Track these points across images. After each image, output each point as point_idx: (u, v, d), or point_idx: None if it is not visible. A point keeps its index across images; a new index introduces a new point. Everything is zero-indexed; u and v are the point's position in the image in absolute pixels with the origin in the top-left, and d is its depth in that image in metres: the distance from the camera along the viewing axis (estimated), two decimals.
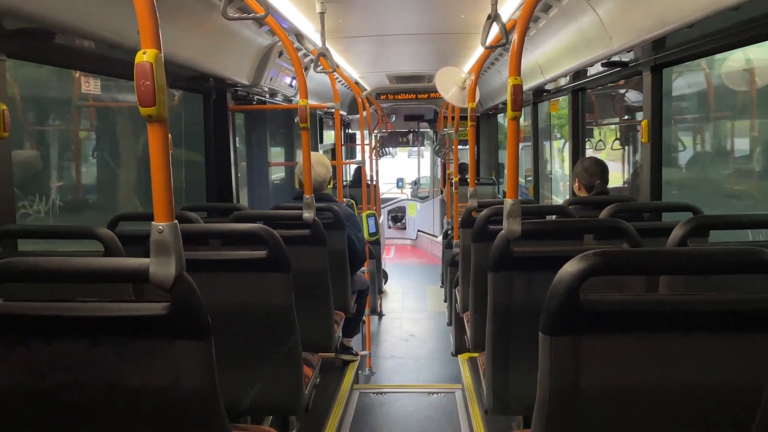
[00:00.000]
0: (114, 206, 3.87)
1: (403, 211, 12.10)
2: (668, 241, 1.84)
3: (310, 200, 2.79)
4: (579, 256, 1.21)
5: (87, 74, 2.96)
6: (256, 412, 2.43)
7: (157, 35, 1.14)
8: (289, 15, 3.64)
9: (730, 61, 3.78)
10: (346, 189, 7.63)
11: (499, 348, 2.07)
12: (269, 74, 4.33)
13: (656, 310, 1.23)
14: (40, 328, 1.25)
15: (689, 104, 4.63)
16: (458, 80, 3.99)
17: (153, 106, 1.14)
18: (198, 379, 1.26)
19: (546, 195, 6.65)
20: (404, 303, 7.46)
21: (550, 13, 3.50)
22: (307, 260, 2.76)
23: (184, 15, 2.82)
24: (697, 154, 4.66)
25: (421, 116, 10.36)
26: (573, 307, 1.20)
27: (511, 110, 1.92)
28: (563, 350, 1.23)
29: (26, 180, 2.87)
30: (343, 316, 3.39)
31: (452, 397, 4.09)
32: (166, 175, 1.19)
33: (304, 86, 2.93)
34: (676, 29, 2.45)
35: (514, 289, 2.00)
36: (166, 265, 1.18)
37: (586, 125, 4.83)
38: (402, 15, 4.16)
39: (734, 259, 1.23)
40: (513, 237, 1.93)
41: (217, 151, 4.16)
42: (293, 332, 2.08)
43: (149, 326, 1.23)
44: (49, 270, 1.25)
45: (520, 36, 1.92)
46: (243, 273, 2.02)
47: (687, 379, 1.26)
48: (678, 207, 2.87)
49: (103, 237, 1.92)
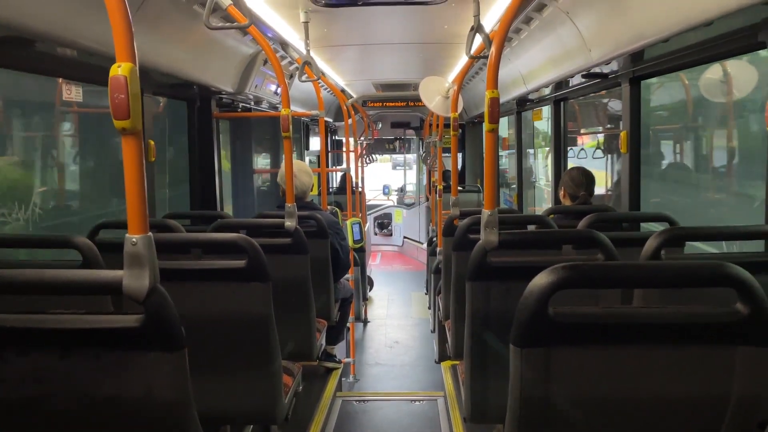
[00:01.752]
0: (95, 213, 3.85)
1: (389, 217, 12.11)
2: (642, 252, 1.87)
3: (291, 209, 2.80)
4: (549, 270, 1.23)
5: (69, 82, 2.95)
6: (235, 422, 2.43)
7: (132, 49, 1.15)
8: (274, 24, 3.66)
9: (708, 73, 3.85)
10: (332, 196, 7.63)
11: (477, 356, 2.08)
12: (254, 82, 4.34)
13: (625, 322, 1.25)
14: (13, 339, 1.25)
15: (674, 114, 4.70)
16: (442, 90, 4.02)
17: (127, 118, 1.15)
18: (171, 391, 1.26)
19: (530, 203, 6.70)
20: (390, 310, 7.46)
21: (532, 25, 3.54)
22: (288, 269, 2.77)
23: (168, 23, 2.83)
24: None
25: (408, 123, 10.40)
26: (542, 319, 1.22)
27: (488, 122, 1.94)
28: (533, 362, 1.25)
29: (5, 188, 2.85)
30: (325, 324, 3.39)
31: (434, 404, 4.10)
32: (140, 187, 1.20)
33: (286, 95, 2.94)
34: (653, 43, 2.50)
35: (491, 298, 2.02)
36: (140, 277, 1.19)
37: (569, 134, 4.88)
38: (387, 24, 4.19)
39: (700, 272, 1.26)
40: (490, 247, 1.95)
41: (201, 158, 4.16)
42: (272, 341, 2.08)
43: (122, 338, 1.23)
44: (22, 282, 1.25)
45: (498, 49, 1.95)
46: (222, 282, 2.02)
47: (656, 391, 1.29)
48: (654, 218, 2.92)
49: (80, 246, 1.91)
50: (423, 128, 9.05)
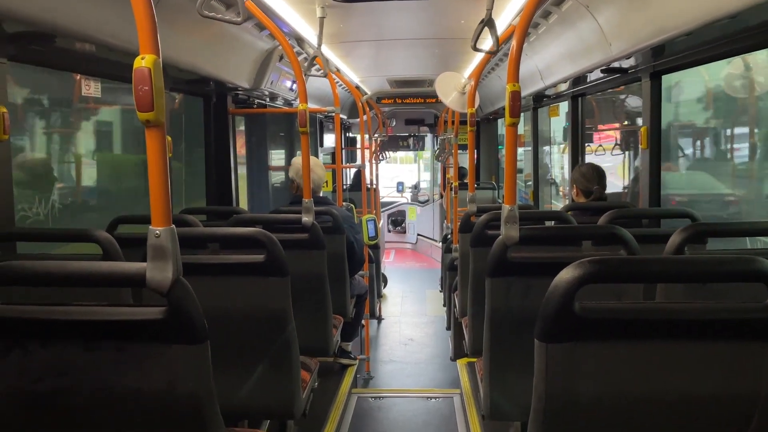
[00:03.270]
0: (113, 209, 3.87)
1: (403, 214, 12.09)
2: (665, 249, 1.84)
3: (309, 204, 2.79)
4: (574, 264, 1.21)
5: (87, 77, 2.97)
6: (253, 416, 2.43)
7: (155, 41, 1.15)
8: (290, 19, 3.65)
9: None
10: (346, 192, 7.63)
11: (496, 353, 2.07)
12: (270, 78, 4.34)
13: (652, 318, 1.23)
14: (37, 331, 1.26)
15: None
16: (458, 85, 4.00)
17: (151, 111, 1.14)
18: (194, 383, 1.26)
19: (546, 200, 6.65)
20: (403, 307, 7.45)
21: (550, 19, 3.50)
22: (305, 264, 2.77)
23: (185, 19, 2.83)
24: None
25: (422, 120, 10.35)
26: (568, 314, 1.20)
27: (509, 116, 1.92)
28: (558, 357, 1.24)
29: (28, 182, 2.87)
30: (341, 320, 3.39)
31: (450, 401, 4.08)
32: (164, 179, 1.19)
33: (303, 90, 2.94)
34: (675, 37, 2.46)
35: (511, 294, 2.00)
36: (163, 269, 1.18)
37: (586, 130, 4.84)
38: (402, 20, 4.17)
39: (730, 267, 1.23)
40: (510, 243, 1.94)
41: (217, 154, 4.17)
42: (291, 336, 2.08)
43: (146, 330, 1.23)
44: (46, 274, 1.26)
45: (519, 43, 1.92)
46: (241, 277, 2.03)
47: (683, 388, 1.26)
48: (676, 214, 2.88)
49: (101, 240, 1.92)
50: (437, 125, 9.03)
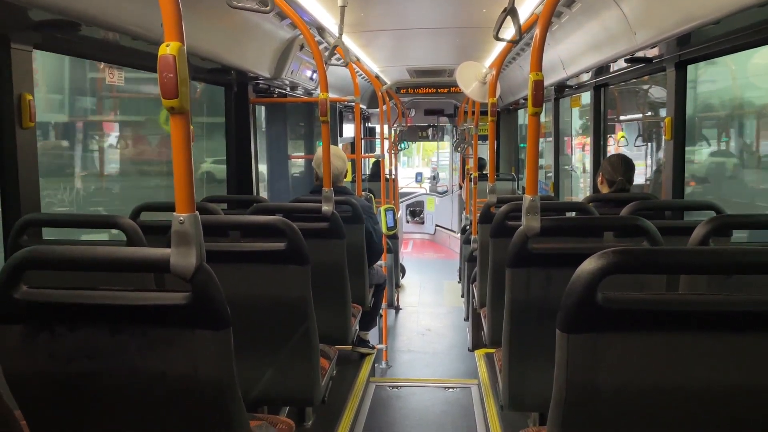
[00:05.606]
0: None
1: (421, 205, 12.08)
2: (690, 240, 1.82)
3: (329, 194, 2.80)
4: (598, 254, 1.20)
5: (111, 66, 3.00)
6: (273, 403, 2.46)
7: (180, 28, 1.16)
8: (311, 8, 3.65)
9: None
10: (365, 183, 7.63)
11: (516, 344, 2.06)
12: (290, 67, 4.35)
13: (676, 309, 1.22)
14: (64, 315, 1.28)
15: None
16: (479, 75, 3.96)
17: (176, 98, 1.15)
18: (216, 368, 1.28)
19: (566, 191, 6.60)
20: (421, 297, 7.45)
21: (573, 8, 3.46)
22: (325, 253, 2.78)
23: (207, 8, 2.85)
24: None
25: (441, 111, 10.31)
26: (591, 304, 1.19)
27: (531, 106, 1.91)
28: (580, 348, 1.23)
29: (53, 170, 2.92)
30: (360, 309, 3.40)
31: (468, 392, 4.09)
32: (188, 166, 1.21)
33: (324, 79, 2.94)
34: (702, 25, 2.41)
35: (531, 285, 1.99)
36: (187, 255, 1.20)
37: (608, 121, 4.78)
38: (423, 9, 4.14)
39: (755, 259, 1.21)
40: (531, 233, 1.92)
41: (238, 143, 4.20)
42: (310, 324, 2.10)
43: (170, 315, 1.25)
44: (72, 259, 1.28)
45: (542, 31, 1.90)
46: (262, 264, 2.04)
47: (705, 380, 1.25)
48: (700, 206, 2.84)
49: (125, 226, 1.95)
50: (457, 115, 8.98)
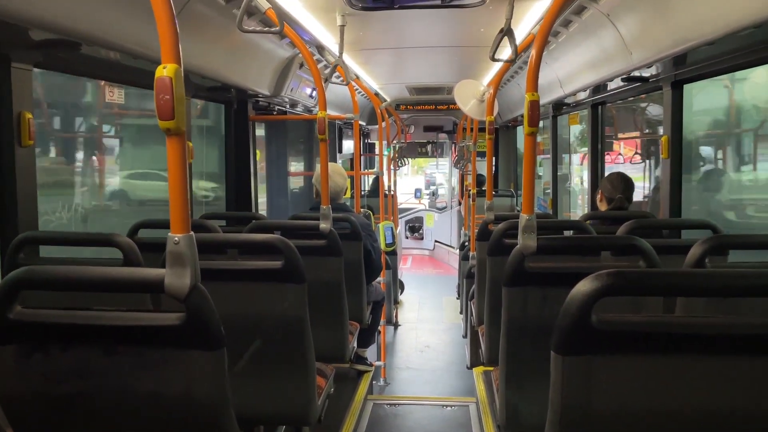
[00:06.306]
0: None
1: (420, 221, 12.08)
2: (686, 260, 1.82)
3: (326, 211, 2.80)
4: (593, 276, 1.20)
5: (111, 84, 3.02)
6: (268, 422, 2.44)
7: (177, 50, 1.17)
8: (310, 27, 3.68)
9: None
10: (364, 199, 7.64)
11: (512, 363, 2.05)
12: (290, 85, 4.38)
13: (671, 332, 1.21)
14: (58, 335, 1.28)
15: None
16: (477, 93, 3.99)
17: (172, 119, 1.16)
18: (210, 389, 1.27)
19: (564, 208, 6.60)
20: (420, 314, 7.43)
21: (570, 28, 3.49)
22: (322, 271, 2.77)
23: (207, 27, 2.87)
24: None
25: (441, 127, 10.35)
26: (585, 327, 1.19)
27: (527, 126, 1.92)
28: (575, 370, 1.22)
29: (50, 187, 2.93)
30: (357, 326, 3.39)
31: (466, 410, 4.06)
32: (183, 187, 1.21)
33: (323, 98, 2.96)
34: (698, 45, 2.43)
35: (528, 304, 1.99)
36: (181, 276, 1.20)
37: (606, 138, 4.80)
38: (422, 28, 4.18)
39: (752, 282, 1.20)
40: (528, 252, 1.92)
41: (237, 160, 4.21)
42: (307, 343, 2.09)
43: (164, 336, 1.24)
44: (67, 279, 1.28)
45: (538, 52, 1.92)
46: (258, 283, 2.04)
47: (702, 403, 1.24)
48: (697, 225, 2.84)
49: (122, 245, 1.95)
50: (456, 132, 9.01)
